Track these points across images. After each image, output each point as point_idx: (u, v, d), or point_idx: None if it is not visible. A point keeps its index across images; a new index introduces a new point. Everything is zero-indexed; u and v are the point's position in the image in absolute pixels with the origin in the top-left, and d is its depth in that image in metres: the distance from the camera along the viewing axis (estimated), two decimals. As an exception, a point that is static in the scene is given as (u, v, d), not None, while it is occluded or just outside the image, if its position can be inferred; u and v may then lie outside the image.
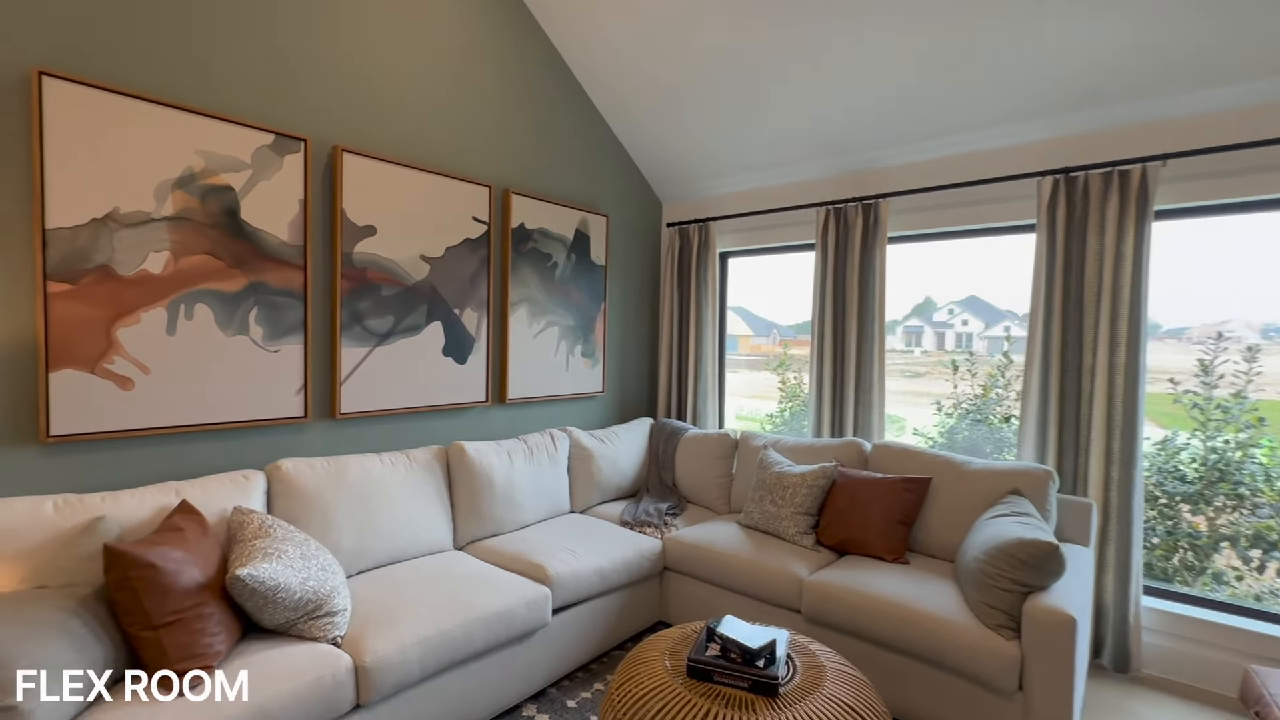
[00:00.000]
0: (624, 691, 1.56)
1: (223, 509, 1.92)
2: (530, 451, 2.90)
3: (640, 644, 1.80)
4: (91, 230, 1.86)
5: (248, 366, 2.21)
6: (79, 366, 1.86)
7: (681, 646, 1.72)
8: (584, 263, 3.50)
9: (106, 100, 1.87)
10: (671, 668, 1.62)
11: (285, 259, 2.29)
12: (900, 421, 3.61)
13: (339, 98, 2.44)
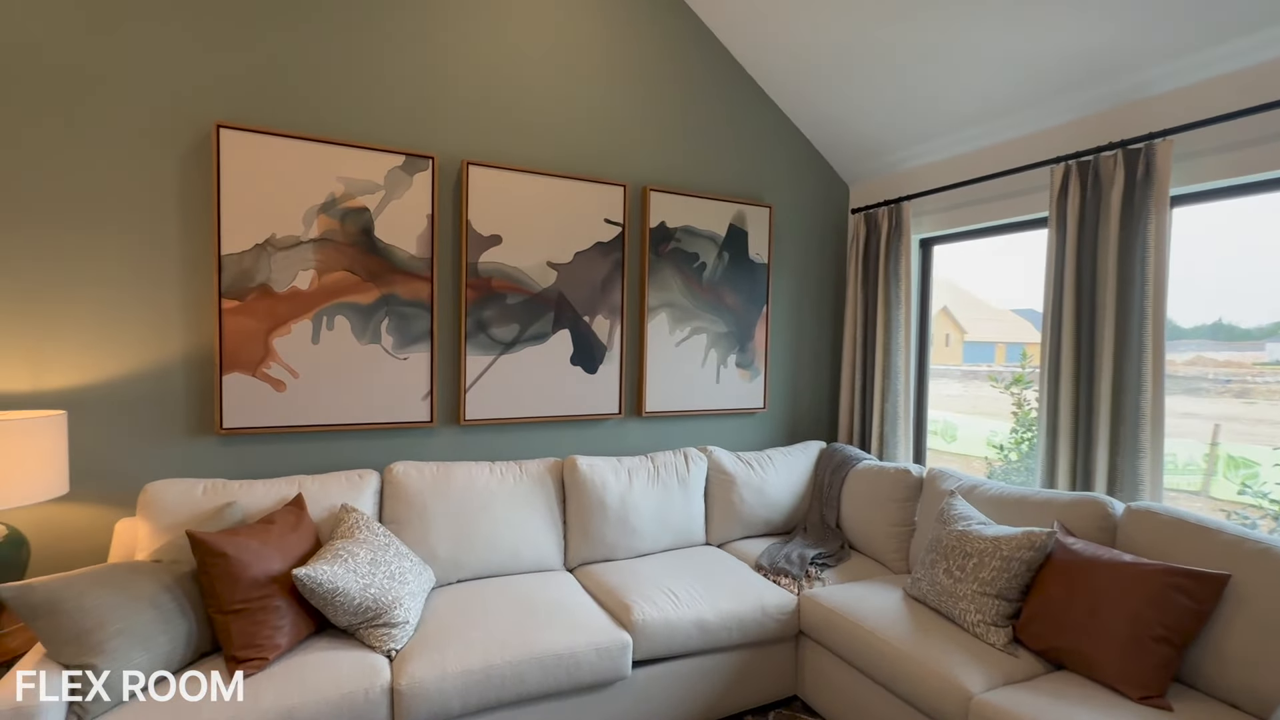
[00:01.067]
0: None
1: (333, 505, 2.07)
2: (655, 472, 2.63)
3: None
4: (254, 254, 2.18)
5: (380, 373, 2.39)
6: (244, 370, 2.19)
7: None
8: (740, 261, 3.10)
9: (265, 142, 2.18)
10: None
11: (414, 271, 2.43)
12: (1192, 472, 2.40)
13: (467, 112, 2.51)
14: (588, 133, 2.75)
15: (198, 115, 2.10)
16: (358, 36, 2.32)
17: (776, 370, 3.29)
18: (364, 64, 2.33)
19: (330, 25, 2.27)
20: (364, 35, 2.33)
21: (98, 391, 2.02)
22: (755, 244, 3.14)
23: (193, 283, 2.12)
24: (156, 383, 2.09)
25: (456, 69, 2.48)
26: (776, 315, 3.28)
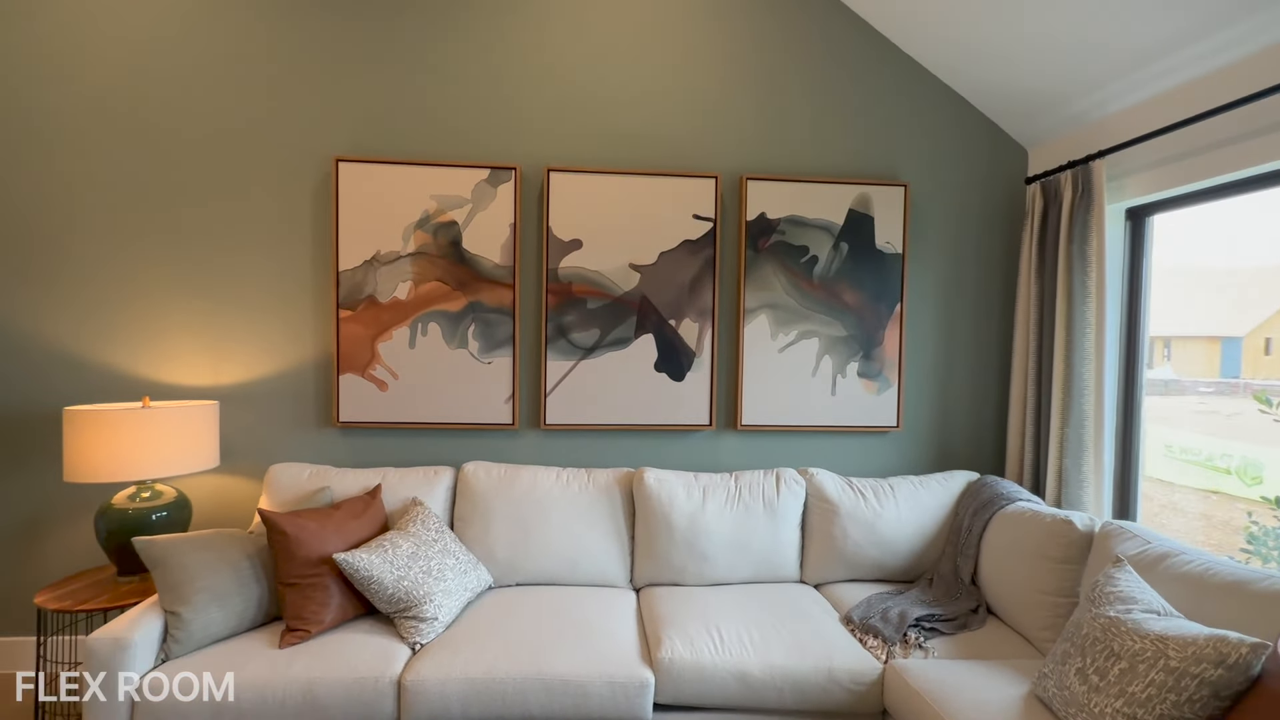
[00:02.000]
0: None
1: (407, 497, 2.24)
2: (736, 493, 2.35)
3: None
4: (363, 270, 2.48)
5: (466, 376, 2.53)
6: (355, 371, 2.49)
7: None
8: (863, 252, 2.64)
9: (373, 170, 2.46)
10: None
11: (497, 279, 2.53)
12: None
13: (547, 119, 2.54)
14: (674, 125, 2.59)
15: (321, 152, 2.46)
16: (445, 65, 2.49)
17: (915, 381, 2.72)
18: (453, 88, 2.50)
19: (422, 60, 2.48)
20: (450, 62, 2.50)
21: (254, 387, 2.47)
22: (885, 230, 2.64)
23: (318, 296, 2.48)
24: (293, 380, 2.49)
25: (537, 78, 2.53)
26: (915, 315, 2.72)
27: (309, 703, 1.63)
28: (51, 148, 2.35)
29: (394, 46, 2.47)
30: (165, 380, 2.42)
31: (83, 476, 1.99)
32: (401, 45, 2.48)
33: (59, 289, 2.37)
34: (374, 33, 2.46)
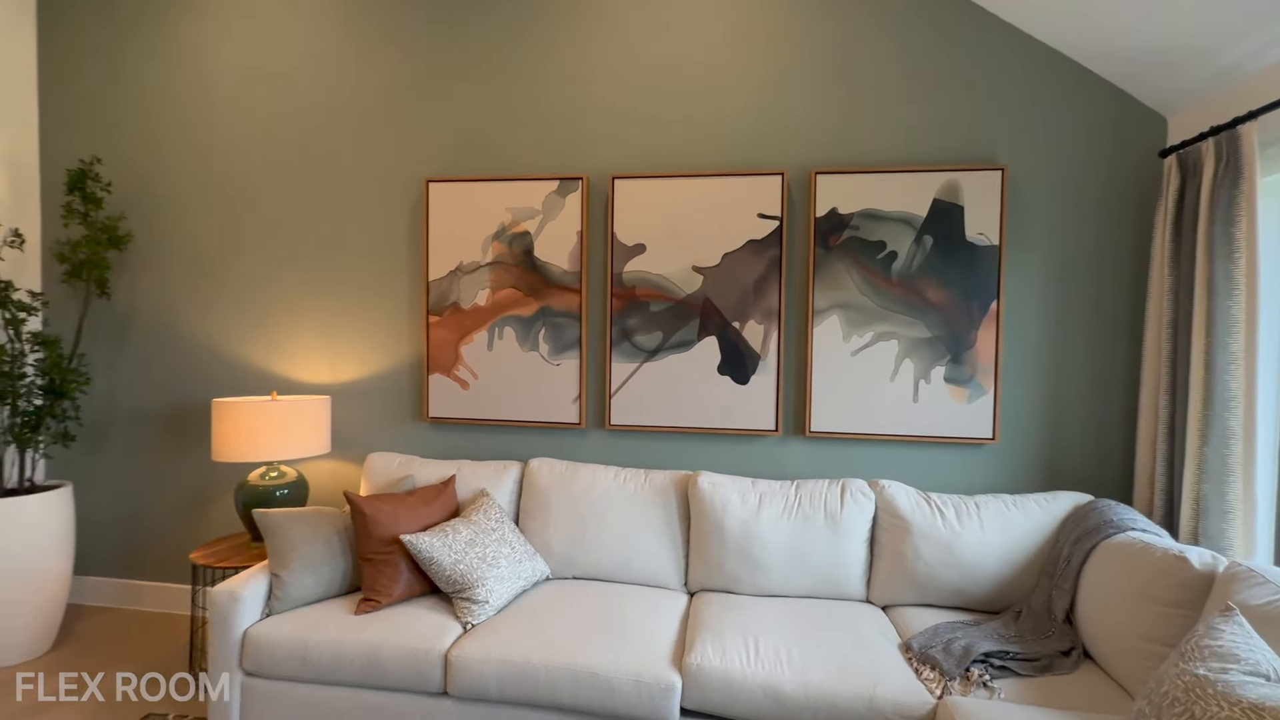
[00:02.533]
0: None
1: (477, 488, 2.43)
2: (796, 502, 2.25)
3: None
4: (449, 279, 2.72)
5: (538, 376, 2.68)
6: (442, 372, 2.74)
7: None
8: (951, 245, 2.41)
9: (458, 188, 2.69)
10: None
11: (566, 285, 2.65)
12: None
13: (613, 128, 2.62)
14: (738, 122, 2.54)
15: (416, 175, 2.74)
16: (518, 87, 2.66)
17: (1015, 389, 2.42)
18: (525, 108, 2.67)
19: (497, 86, 2.68)
20: (522, 85, 2.66)
21: (362, 384, 2.81)
22: (977, 220, 2.39)
23: (413, 304, 2.77)
24: (392, 379, 2.80)
25: (601, 89, 2.62)
26: (1015, 314, 2.42)
27: (373, 664, 1.84)
28: (218, 183, 2.86)
29: (474, 78, 2.69)
30: (293, 377, 2.83)
31: (225, 456, 2.41)
32: (480, 76, 2.69)
33: (221, 301, 2.87)
34: (457, 68, 2.70)
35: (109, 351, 2.96)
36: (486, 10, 2.67)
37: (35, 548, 2.51)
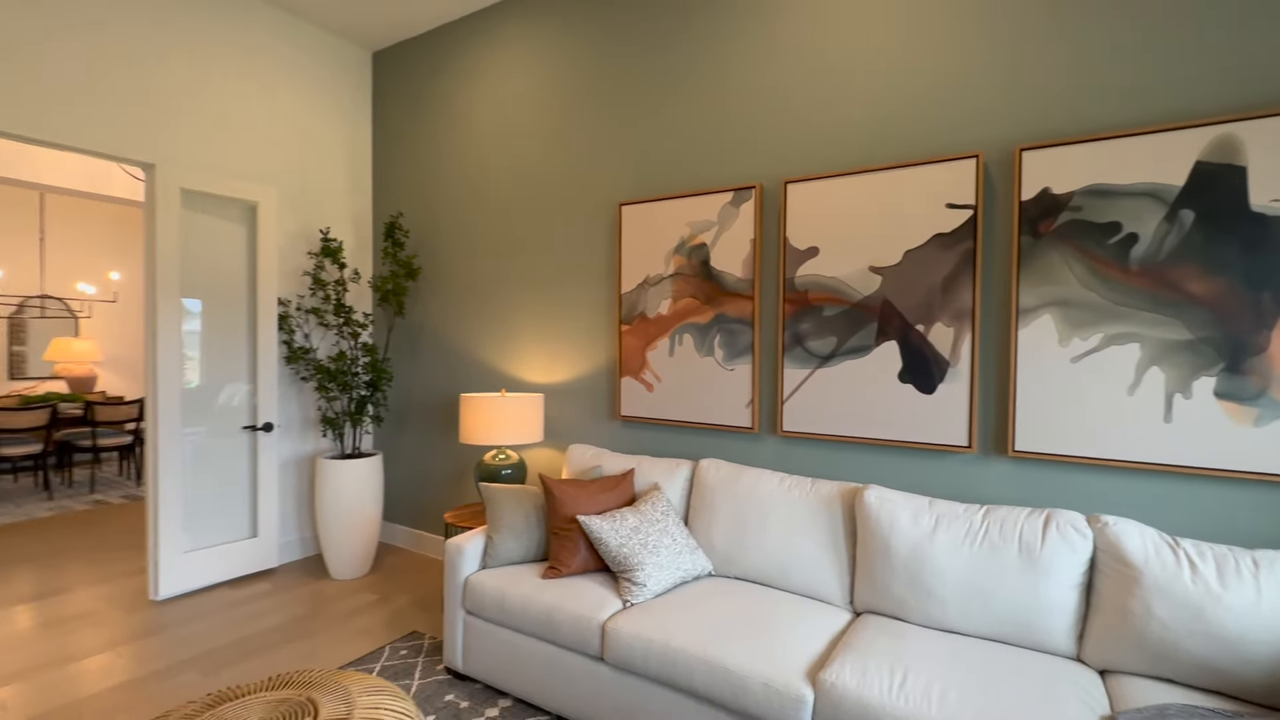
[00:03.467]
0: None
1: (651, 482, 2.65)
2: (982, 529, 1.97)
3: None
4: (637, 291, 3.01)
5: (713, 381, 2.80)
6: (631, 375, 3.04)
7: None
8: (1224, 219, 1.87)
9: (644, 208, 2.97)
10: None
11: (739, 292, 2.72)
12: None
13: (785, 132, 2.61)
14: (922, 108, 2.32)
15: (610, 198, 3.10)
16: (695, 108, 2.82)
17: (1340, 410, 1.75)
18: (701, 126, 2.81)
19: (677, 110, 2.87)
20: (698, 105, 2.81)
21: (570, 384, 3.27)
22: (1269, 183, 1.81)
23: (609, 314, 3.13)
24: (592, 381, 3.19)
25: (776, 95, 2.63)
26: (1338, 307, 1.75)
27: (548, 623, 2.17)
28: (473, 224, 3.62)
29: (655, 109, 2.94)
30: (519, 376, 3.43)
31: (467, 439, 3.04)
32: (660, 107, 2.92)
33: (473, 316, 3.62)
34: (640, 104, 2.97)
35: (406, 357, 3.94)
36: (659, 51, 2.90)
37: (360, 497, 3.49)
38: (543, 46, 3.31)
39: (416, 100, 3.86)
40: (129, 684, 2.43)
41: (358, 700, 1.56)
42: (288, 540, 3.76)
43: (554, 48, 3.27)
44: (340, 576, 3.51)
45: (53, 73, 2.78)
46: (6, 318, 6.60)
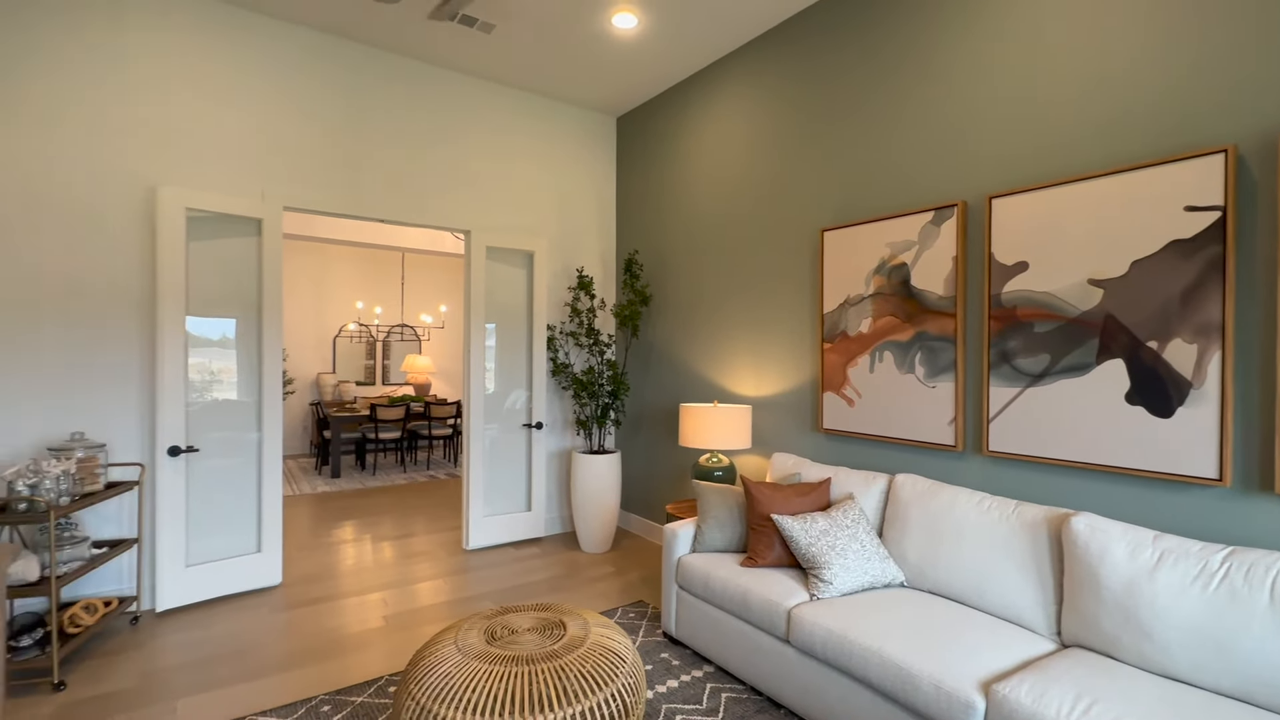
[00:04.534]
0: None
1: (845, 492, 2.81)
2: (1222, 571, 1.76)
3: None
4: (838, 311, 3.18)
5: (914, 398, 2.84)
6: (832, 390, 3.21)
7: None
8: None
9: (844, 233, 3.14)
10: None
11: (940, 309, 2.74)
12: None
13: (988, 147, 2.58)
14: (1151, 103, 2.13)
15: (812, 225, 3.33)
16: (893, 132, 2.91)
17: None
18: (899, 150, 2.90)
19: (876, 136, 2.99)
20: (897, 129, 2.90)
21: (775, 398, 3.56)
22: None
23: (812, 333, 3.35)
24: (796, 395, 3.44)
25: (977, 109, 2.61)
26: None
27: (743, 603, 2.51)
28: (692, 253, 4.15)
29: (853, 136, 3.10)
30: (730, 389, 3.82)
31: (686, 443, 3.54)
32: (858, 134, 3.07)
33: (693, 334, 4.14)
34: (839, 132, 3.16)
35: (640, 371, 4.64)
36: (861, 80, 3.04)
37: (603, 486, 4.24)
38: (754, 91, 3.70)
39: (649, 151, 4.57)
40: (448, 602, 3.42)
41: (593, 629, 2.10)
42: (550, 516, 4.71)
43: (764, 91, 3.64)
44: (588, 550, 4.30)
45: (406, 179, 4.07)
46: (381, 340, 9.24)
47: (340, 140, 3.78)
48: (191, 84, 3.34)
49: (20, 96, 2.94)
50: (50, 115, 3.00)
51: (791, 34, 3.47)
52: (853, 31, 3.13)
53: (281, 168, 3.60)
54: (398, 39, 3.79)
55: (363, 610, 3.29)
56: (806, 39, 3.38)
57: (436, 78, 4.12)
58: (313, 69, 3.68)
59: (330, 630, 3.04)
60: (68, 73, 3.04)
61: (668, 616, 2.93)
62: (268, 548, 3.55)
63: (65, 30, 3.04)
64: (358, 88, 3.84)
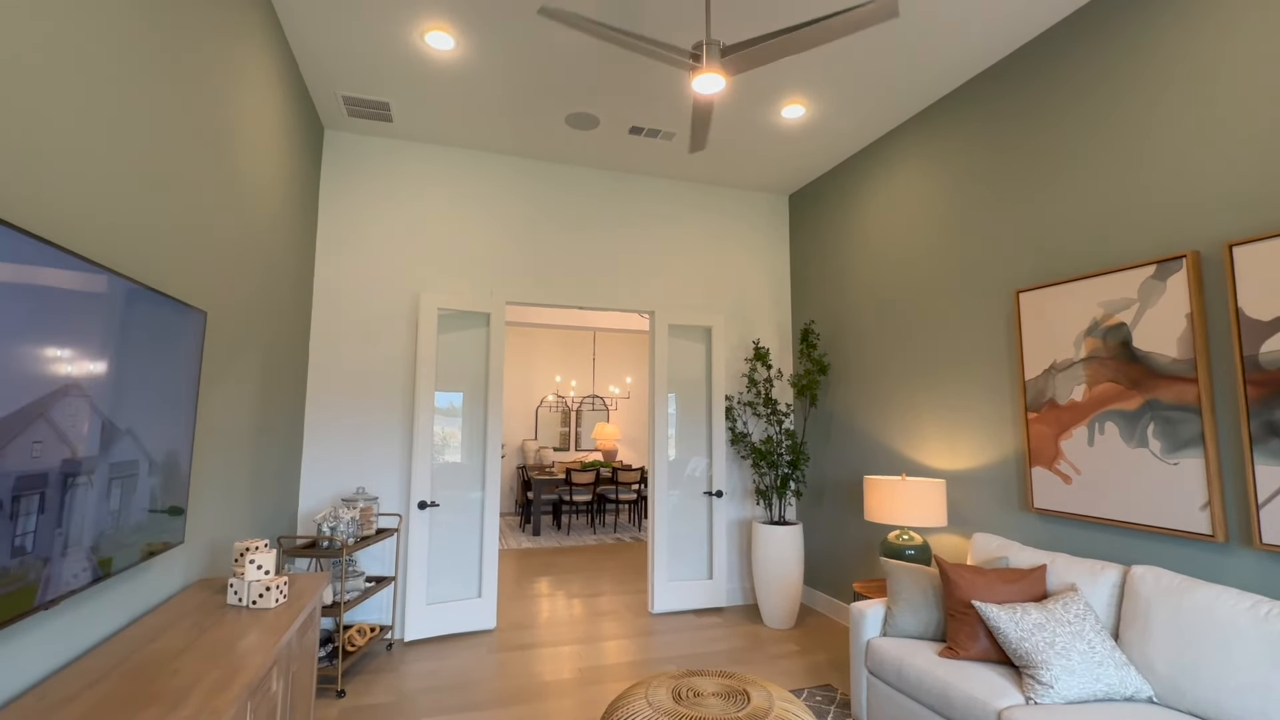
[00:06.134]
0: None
1: (1068, 582, 2.48)
2: None
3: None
4: (1044, 377, 2.91)
5: (1149, 476, 2.47)
6: (1043, 465, 2.90)
7: None
8: None
9: (1044, 293, 2.91)
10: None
11: (1175, 374, 2.39)
12: None
13: (1220, 191, 2.28)
14: None
15: (1005, 286, 3.13)
16: (1099, 184, 2.69)
17: None
18: (1102, 201, 2.66)
19: (1078, 187, 2.78)
20: (1103, 179, 2.68)
21: (971, 472, 3.29)
22: None
23: (1012, 401, 3.09)
24: (999, 469, 3.15)
25: (1204, 146, 2.33)
26: None
27: (943, 698, 2.31)
28: (872, 321, 4.09)
29: (1046, 189, 2.91)
30: (918, 460, 3.60)
31: (871, 517, 3.40)
32: (1052, 186, 2.89)
33: (875, 403, 4.01)
34: (1029, 185, 2.99)
35: (819, 440, 4.57)
36: (1054, 128, 2.88)
37: (785, 559, 4.18)
38: (929, 157, 3.67)
39: (822, 223, 4.67)
40: (634, 662, 3.59)
41: (777, 703, 2.11)
42: (731, 586, 4.72)
43: (940, 154, 3.59)
44: (770, 624, 4.21)
45: (598, 270, 4.64)
46: (575, 409, 10.18)
47: (544, 242, 4.49)
48: (439, 212, 4.27)
49: (361, 235, 4.02)
50: (354, 245, 4.05)
51: (966, 98, 3.42)
52: (1040, 86, 3.02)
53: (502, 270, 4.37)
54: (590, 155, 4.46)
55: (559, 661, 3.59)
56: (984, 102, 3.31)
57: (621, 180, 4.73)
58: (521, 187, 4.48)
59: (535, 675, 3.37)
60: (349, 206, 4.10)
61: (858, 703, 2.78)
62: (486, 594, 4.07)
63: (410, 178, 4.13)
64: (557, 197, 4.56)
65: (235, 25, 2.41)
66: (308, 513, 3.81)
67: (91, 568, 1.40)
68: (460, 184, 4.33)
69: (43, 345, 1.18)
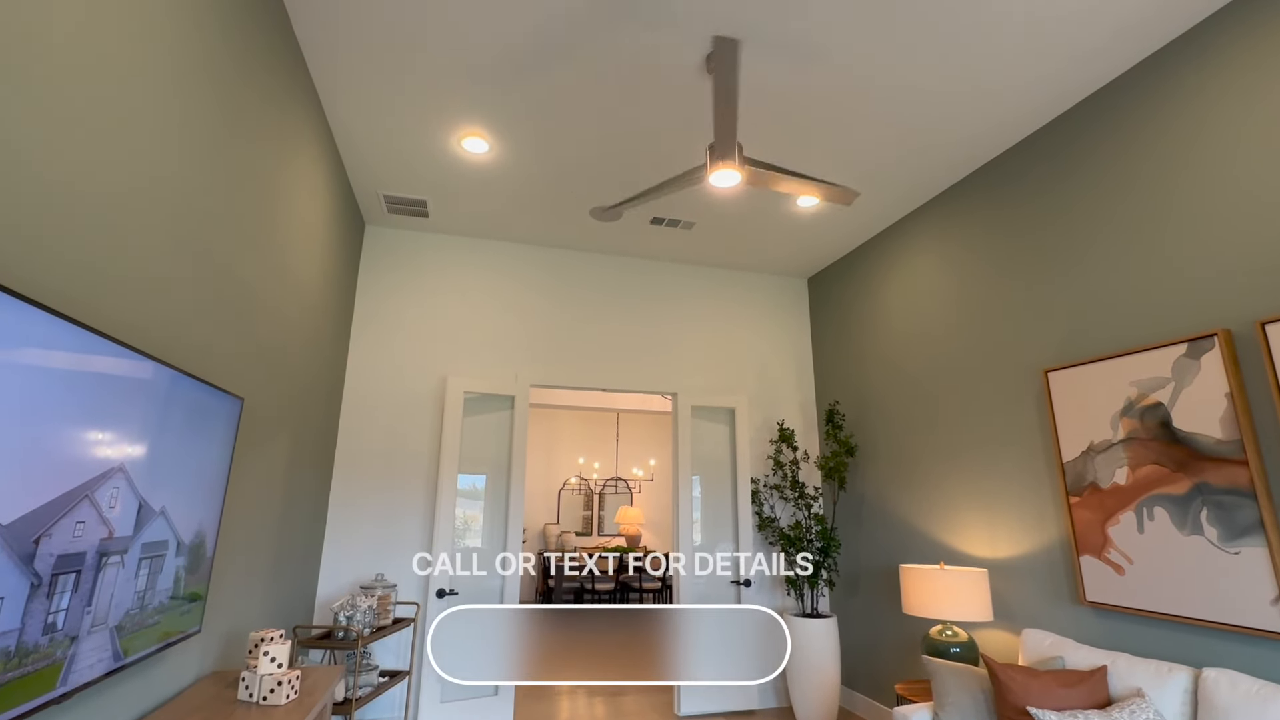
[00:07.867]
0: None
1: (1133, 686, 2.27)
2: None
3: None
4: (1082, 459, 2.81)
5: (1208, 566, 2.30)
6: (1091, 554, 2.73)
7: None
8: None
9: (1074, 372, 2.87)
10: None
11: (1222, 456, 2.29)
12: None
13: (1251, 263, 2.27)
14: None
15: (1034, 366, 3.09)
16: (1117, 262, 2.71)
17: None
18: (1134, 276, 2.66)
19: (1099, 268, 2.80)
20: (1121, 258, 2.69)
21: (1015, 560, 3.11)
22: None
23: (1051, 485, 2.96)
24: (1044, 557, 2.98)
25: (1226, 223, 2.35)
26: None
27: (1004, 822, 2.07)
28: (898, 403, 4.04)
29: (1070, 268, 2.94)
30: (957, 548, 3.43)
31: (910, 610, 3.20)
32: (1076, 265, 2.91)
33: (908, 487, 3.88)
34: (1052, 266, 3.02)
35: (851, 526, 4.39)
36: (1076, 209, 2.95)
37: (820, 656, 3.91)
38: (947, 238, 3.75)
39: (843, 304, 4.72)
40: (664, 773, 3.31)
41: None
42: (764, 686, 4.41)
43: (958, 235, 3.67)
44: (807, 731, 3.88)
45: (621, 352, 4.72)
46: (597, 492, 10.02)
47: (568, 326, 4.61)
48: (468, 299, 4.45)
49: (393, 321, 4.20)
50: (386, 330, 4.21)
51: (981, 182, 3.53)
52: (1056, 167, 3.11)
53: (527, 354, 4.47)
54: (612, 244, 4.66)
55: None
56: (1000, 185, 3.41)
57: (642, 267, 4.90)
58: (546, 274, 4.66)
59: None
60: (383, 293, 4.28)
61: (908, 827, 2.50)
62: (503, 693, 3.86)
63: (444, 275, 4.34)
64: (581, 283, 4.72)
65: (292, 129, 2.65)
66: (325, 598, 3.74)
67: (113, 650, 1.39)
68: (488, 272, 4.53)
69: (94, 429, 1.24)
